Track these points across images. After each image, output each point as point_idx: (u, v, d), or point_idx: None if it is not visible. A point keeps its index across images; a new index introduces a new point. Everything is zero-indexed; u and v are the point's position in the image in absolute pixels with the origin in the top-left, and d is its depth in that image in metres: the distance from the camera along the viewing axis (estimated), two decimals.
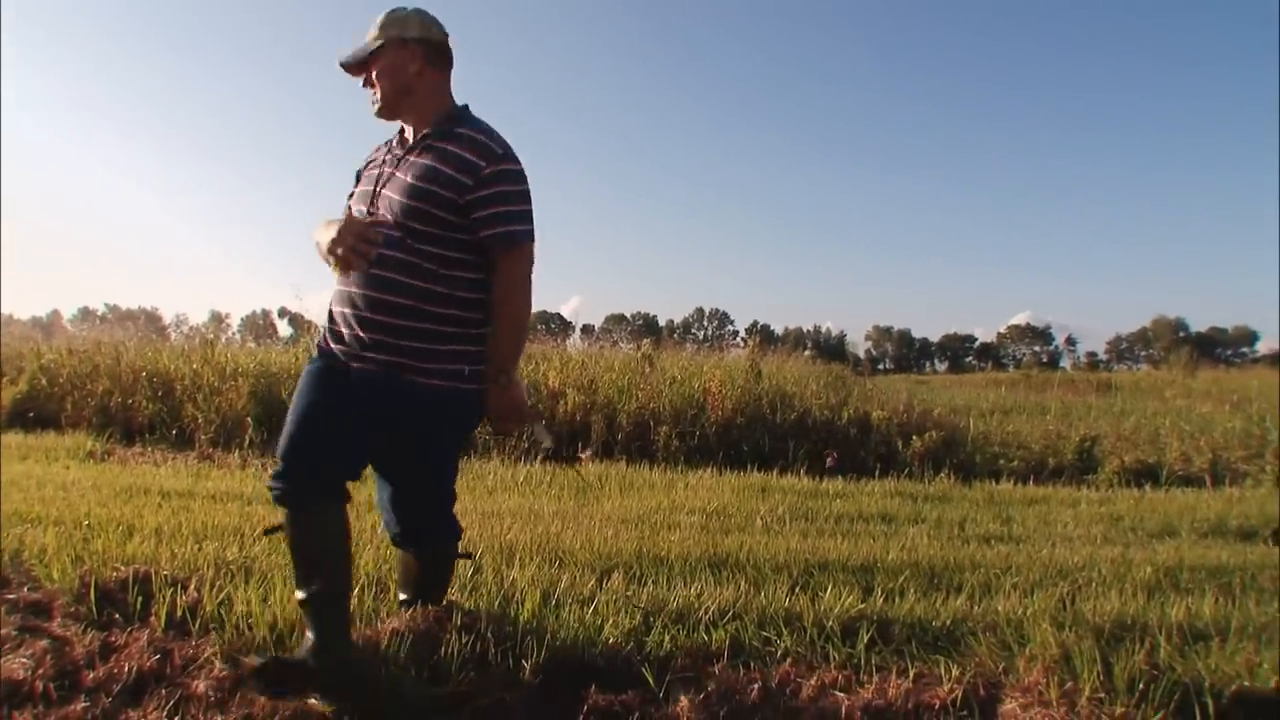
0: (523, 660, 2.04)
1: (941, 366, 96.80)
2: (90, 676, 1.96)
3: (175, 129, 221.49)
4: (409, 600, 2.23)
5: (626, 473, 5.49)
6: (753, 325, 78.26)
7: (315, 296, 9.25)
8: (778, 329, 76.16)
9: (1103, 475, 6.18)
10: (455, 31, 2.03)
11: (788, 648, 2.19)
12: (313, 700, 1.81)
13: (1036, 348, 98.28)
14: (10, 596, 2.43)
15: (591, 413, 6.79)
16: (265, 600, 2.23)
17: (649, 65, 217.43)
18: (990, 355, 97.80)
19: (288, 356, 7.87)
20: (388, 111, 1.99)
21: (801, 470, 5.93)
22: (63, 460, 5.61)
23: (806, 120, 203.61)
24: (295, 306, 8.76)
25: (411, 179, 1.88)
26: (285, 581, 2.36)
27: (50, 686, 1.90)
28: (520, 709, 1.90)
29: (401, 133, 2.04)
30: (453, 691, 1.93)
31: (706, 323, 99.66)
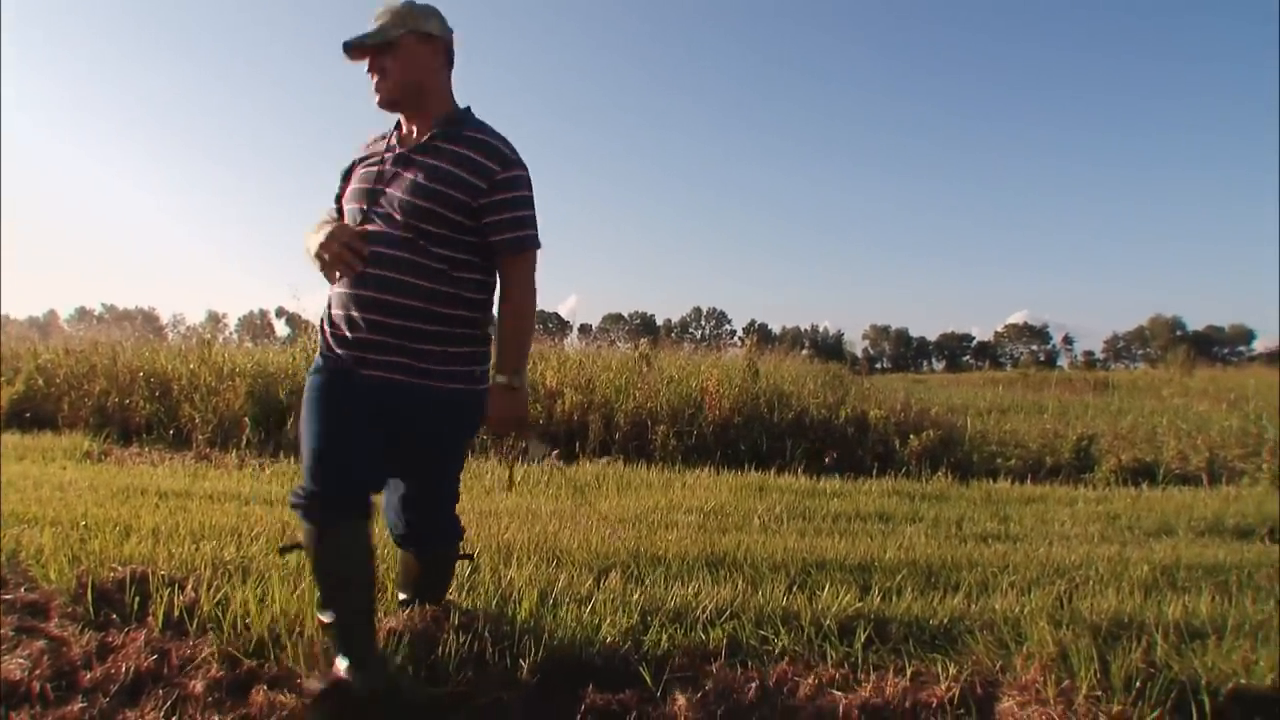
0: (520, 659, 2.04)
1: (939, 365, 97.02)
2: (87, 677, 1.95)
3: (172, 129, 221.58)
4: (407, 600, 2.23)
5: (624, 472, 5.50)
6: (750, 324, 78.30)
7: (312, 296, 9.25)
8: (775, 328, 76.30)
9: (1100, 474, 6.19)
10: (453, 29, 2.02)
11: (785, 646, 2.19)
12: None
13: (1034, 346, 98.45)
14: (7, 597, 2.42)
15: (589, 412, 6.78)
16: (262, 600, 2.23)
17: (648, 65, 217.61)
18: (988, 354, 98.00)
19: (285, 356, 7.85)
20: (395, 104, 1.92)
21: (799, 469, 5.93)
22: (60, 460, 5.60)
23: (804, 119, 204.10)
24: (293, 306, 8.77)
25: (424, 180, 1.83)
26: (283, 581, 2.35)
27: (47, 687, 1.90)
28: (518, 708, 1.90)
29: (398, 130, 1.97)
30: (450, 691, 1.93)
31: (704, 322, 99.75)
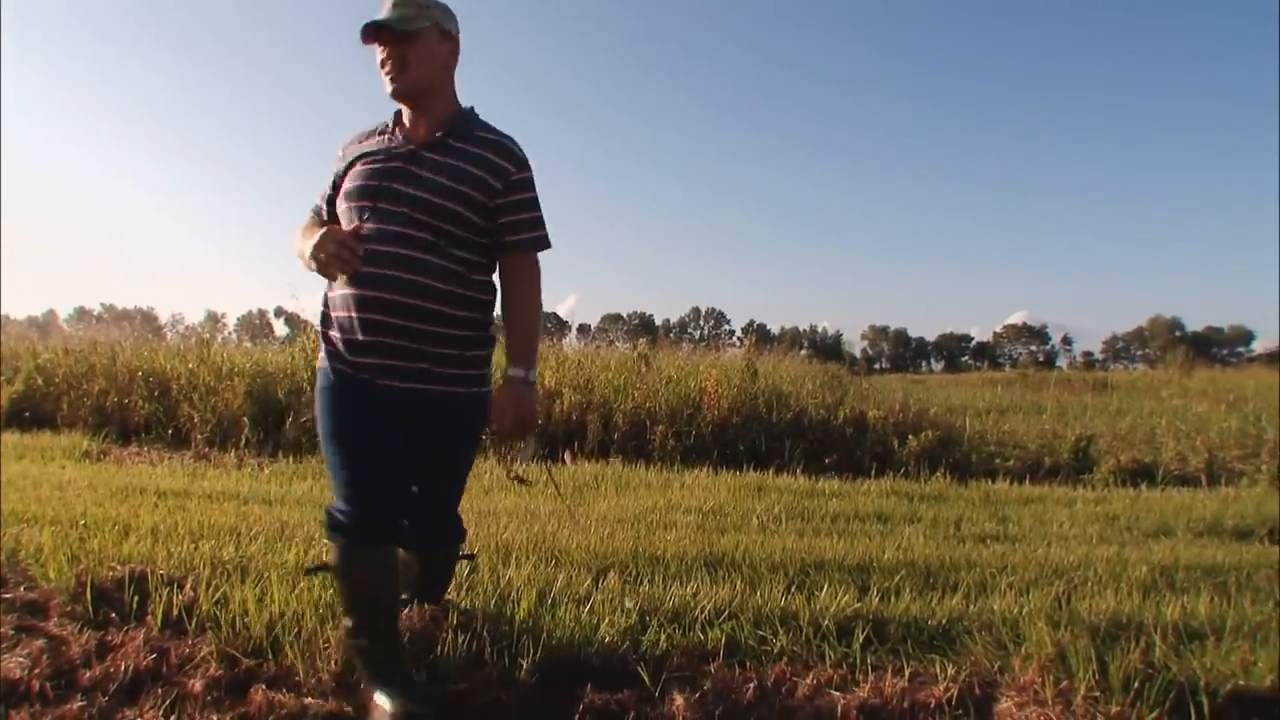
0: (519, 659, 2.04)
1: (938, 366, 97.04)
2: (87, 675, 1.95)
3: (172, 129, 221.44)
4: (407, 600, 2.23)
5: (623, 472, 5.50)
6: (749, 325, 78.39)
7: (311, 296, 9.25)
8: (774, 328, 76.35)
9: (1099, 474, 6.19)
10: None
11: (783, 647, 2.19)
12: None
13: (1033, 347, 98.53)
14: (7, 596, 2.42)
15: (588, 412, 6.79)
16: (261, 600, 2.23)
17: (645, 64, 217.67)
18: (986, 355, 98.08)
19: (284, 356, 7.85)
20: (408, 97, 1.86)
21: (797, 470, 5.93)
22: (59, 460, 5.60)
23: (803, 119, 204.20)
24: (291, 306, 8.78)
25: (445, 179, 1.79)
26: (281, 581, 2.35)
27: (47, 685, 1.90)
28: (516, 708, 1.90)
29: (399, 126, 1.90)
30: (449, 691, 1.93)
31: (703, 322, 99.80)
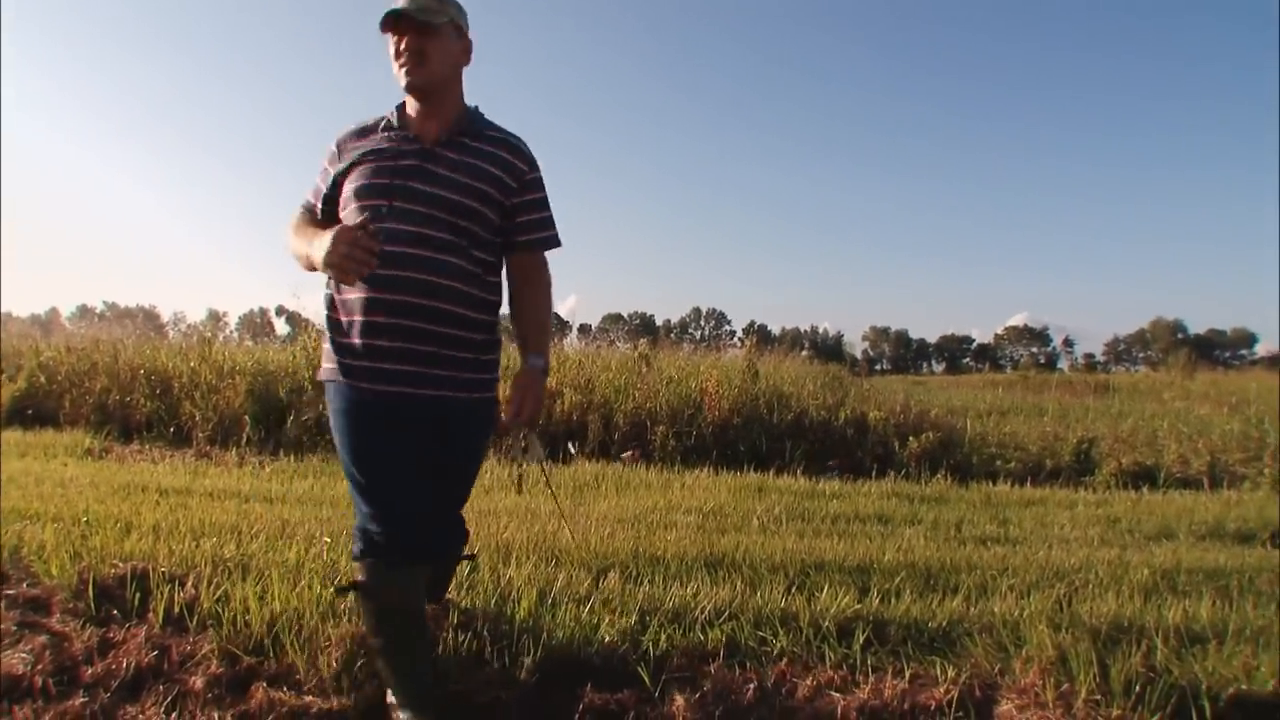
0: (519, 659, 2.05)
1: (939, 367, 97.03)
2: (89, 672, 1.96)
3: (171, 125, 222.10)
4: None
5: (623, 472, 5.50)
6: (750, 325, 78.30)
7: (312, 296, 9.25)
8: (775, 329, 76.41)
9: (1100, 477, 6.18)
10: None
11: (784, 648, 2.20)
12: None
13: (1034, 349, 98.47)
14: (9, 592, 2.43)
15: (588, 412, 6.79)
16: (262, 597, 2.23)
17: (646, 63, 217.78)
18: (988, 356, 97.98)
19: (285, 355, 7.86)
20: (424, 90, 1.80)
21: (798, 470, 5.93)
22: (61, 457, 5.61)
23: (804, 119, 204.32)
24: (293, 305, 8.77)
25: (466, 178, 1.77)
26: (282, 579, 2.36)
27: (49, 681, 1.91)
28: (516, 707, 1.90)
29: (403, 124, 1.83)
30: (450, 690, 1.93)
31: (703, 322, 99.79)
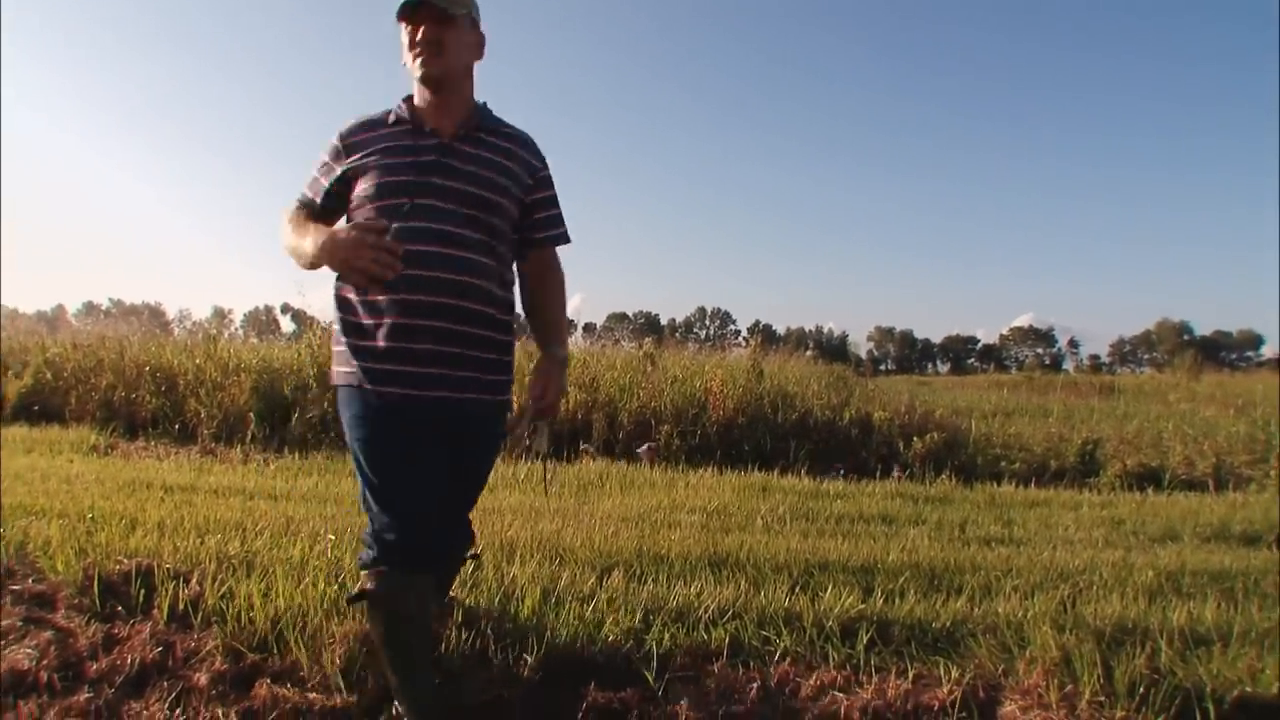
0: (523, 657, 2.05)
1: (944, 368, 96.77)
2: (93, 668, 1.97)
3: (171, 120, 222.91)
4: None
5: (627, 471, 5.50)
6: (755, 325, 78.39)
7: (317, 292, 9.28)
8: (780, 329, 76.39)
9: (1105, 478, 6.16)
10: None
11: (787, 647, 2.19)
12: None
13: (1039, 350, 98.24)
14: (15, 588, 2.44)
15: (593, 411, 6.80)
16: (266, 594, 2.24)
17: (652, 64, 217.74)
18: (993, 357, 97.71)
19: (290, 352, 7.88)
20: (441, 82, 1.75)
21: (802, 470, 5.92)
22: (67, 454, 5.63)
23: (809, 120, 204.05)
24: (298, 302, 8.78)
25: (487, 172, 1.75)
26: (286, 576, 2.37)
27: (54, 677, 1.92)
28: (520, 706, 1.91)
29: (415, 117, 1.77)
30: (453, 689, 1.94)
31: (708, 322, 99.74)
